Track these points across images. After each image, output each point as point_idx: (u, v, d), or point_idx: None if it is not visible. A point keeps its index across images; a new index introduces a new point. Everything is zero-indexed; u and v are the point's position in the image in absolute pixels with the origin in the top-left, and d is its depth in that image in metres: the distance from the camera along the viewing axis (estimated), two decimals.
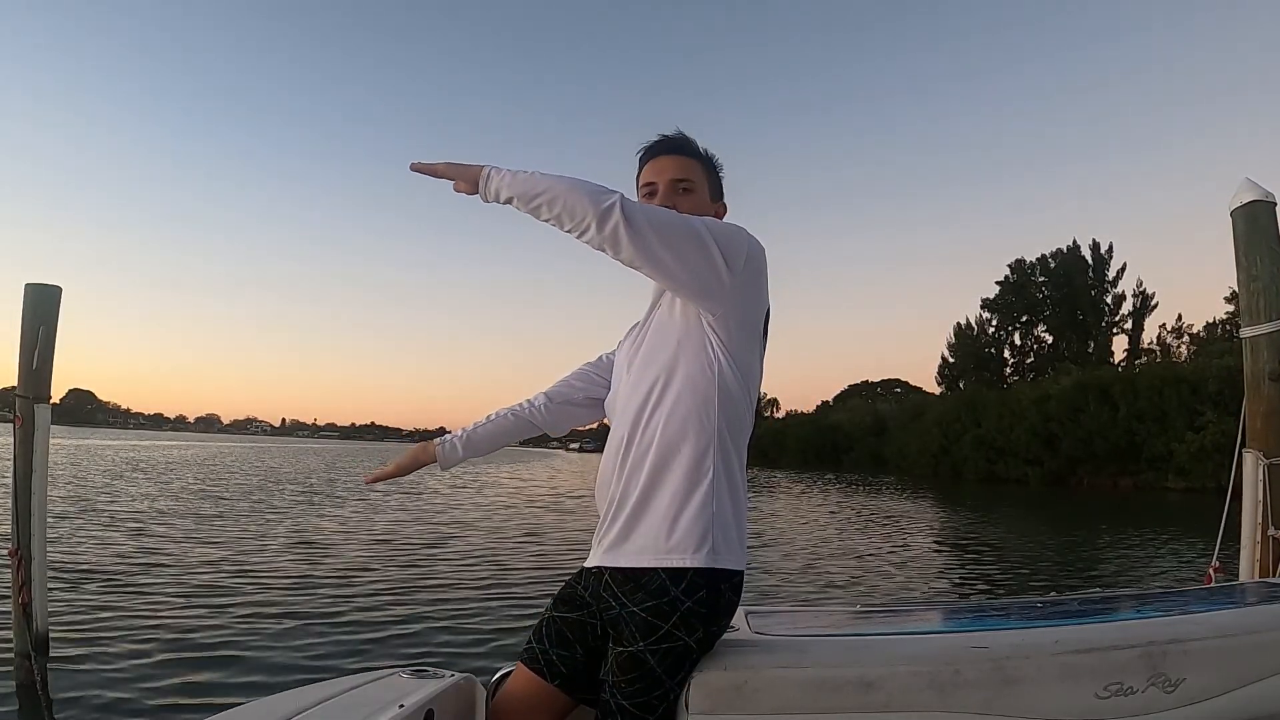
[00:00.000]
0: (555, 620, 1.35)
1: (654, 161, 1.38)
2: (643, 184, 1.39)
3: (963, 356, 47.15)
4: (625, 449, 1.28)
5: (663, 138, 1.39)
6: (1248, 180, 2.85)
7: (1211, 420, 25.37)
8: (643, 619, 1.21)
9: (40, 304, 3.90)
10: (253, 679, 3.89)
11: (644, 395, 1.28)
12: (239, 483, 18.68)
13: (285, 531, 9.79)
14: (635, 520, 1.24)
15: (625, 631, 1.22)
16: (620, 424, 1.31)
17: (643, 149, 1.40)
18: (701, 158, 1.40)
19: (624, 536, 1.25)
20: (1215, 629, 1.33)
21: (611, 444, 1.32)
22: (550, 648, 1.34)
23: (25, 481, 3.75)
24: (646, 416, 1.27)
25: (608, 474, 1.31)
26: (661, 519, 1.22)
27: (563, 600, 1.37)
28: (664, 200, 1.33)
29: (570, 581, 1.38)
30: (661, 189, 1.35)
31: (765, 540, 10.65)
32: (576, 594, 1.35)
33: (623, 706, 1.21)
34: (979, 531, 13.07)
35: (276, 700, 1.26)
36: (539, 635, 1.36)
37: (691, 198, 1.36)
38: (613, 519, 1.27)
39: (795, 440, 53.17)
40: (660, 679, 1.21)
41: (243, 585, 6.23)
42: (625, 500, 1.25)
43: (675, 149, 1.38)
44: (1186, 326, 42.57)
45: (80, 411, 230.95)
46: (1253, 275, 2.80)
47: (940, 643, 1.35)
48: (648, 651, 1.21)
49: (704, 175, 1.39)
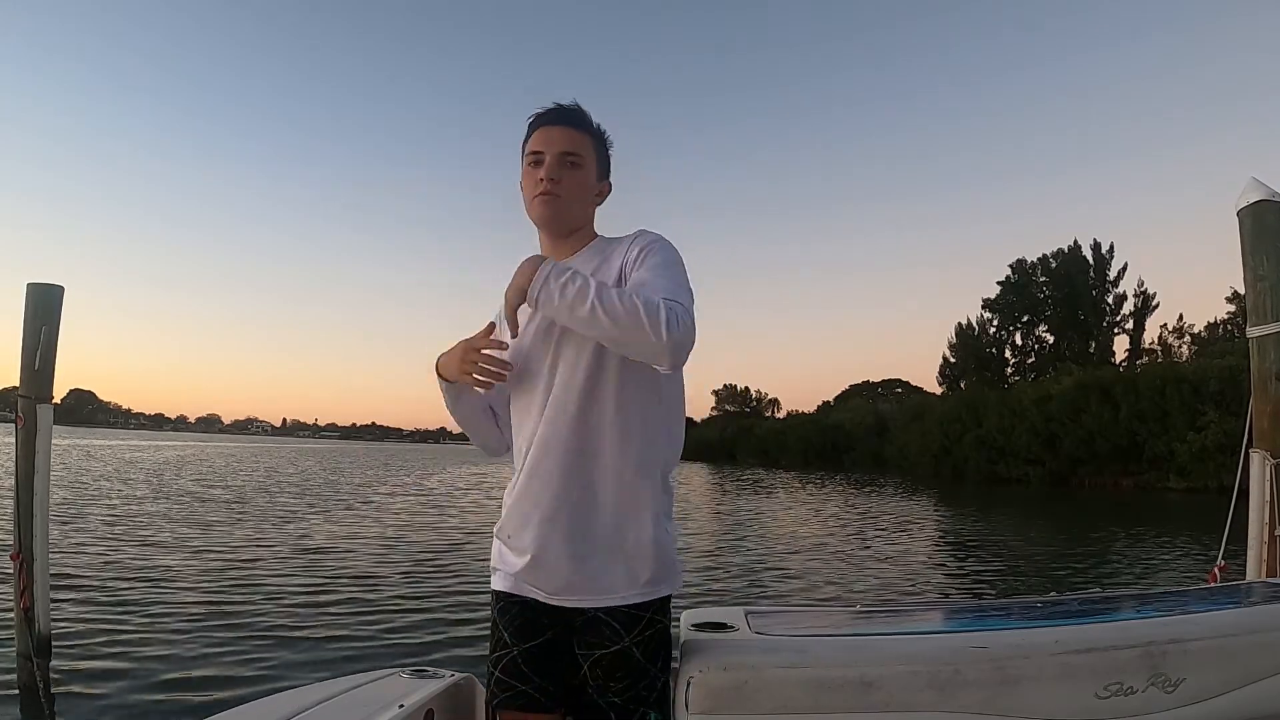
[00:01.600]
0: (526, 654, 1.27)
1: (545, 130, 1.31)
2: (529, 151, 1.31)
3: (964, 356, 47.07)
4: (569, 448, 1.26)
5: (557, 106, 1.32)
6: (1254, 180, 2.84)
7: (1213, 420, 25.31)
8: (625, 613, 1.22)
9: (42, 304, 3.90)
10: (253, 679, 3.89)
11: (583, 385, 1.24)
12: (240, 483, 18.68)
13: (286, 532, 9.79)
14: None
15: (606, 631, 1.22)
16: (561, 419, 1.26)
17: (534, 115, 1.33)
18: (594, 132, 1.34)
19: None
20: (1215, 629, 1.33)
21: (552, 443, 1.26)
22: (533, 684, 1.26)
23: (28, 482, 3.75)
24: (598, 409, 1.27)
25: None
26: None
27: (519, 632, 1.27)
28: (550, 172, 1.28)
29: (510, 611, 1.29)
30: (549, 160, 1.28)
31: (766, 540, 10.64)
32: (531, 619, 1.27)
33: (614, 704, 1.21)
34: (979, 531, 13.05)
35: (276, 700, 1.26)
36: (513, 676, 1.26)
37: (579, 173, 1.30)
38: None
39: (796, 440, 53.03)
40: (647, 669, 1.22)
41: (243, 585, 6.23)
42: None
43: (568, 120, 1.31)
44: (1188, 327, 42.53)
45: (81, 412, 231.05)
46: (1259, 275, 2.79)
47: (940, 643, 1.35)
48: (634, 645, 1.22)
49: (594, 151, 1.33)
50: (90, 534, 8.76)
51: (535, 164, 1.30)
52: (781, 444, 53.84)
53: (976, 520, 15.19)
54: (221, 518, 11.06)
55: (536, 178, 1.29)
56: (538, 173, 1.29)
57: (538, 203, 1.29)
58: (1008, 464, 33.52)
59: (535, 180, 1.30)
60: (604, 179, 1.37)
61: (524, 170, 1.33)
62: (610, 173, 1.39)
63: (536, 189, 1.29)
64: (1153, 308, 43.23)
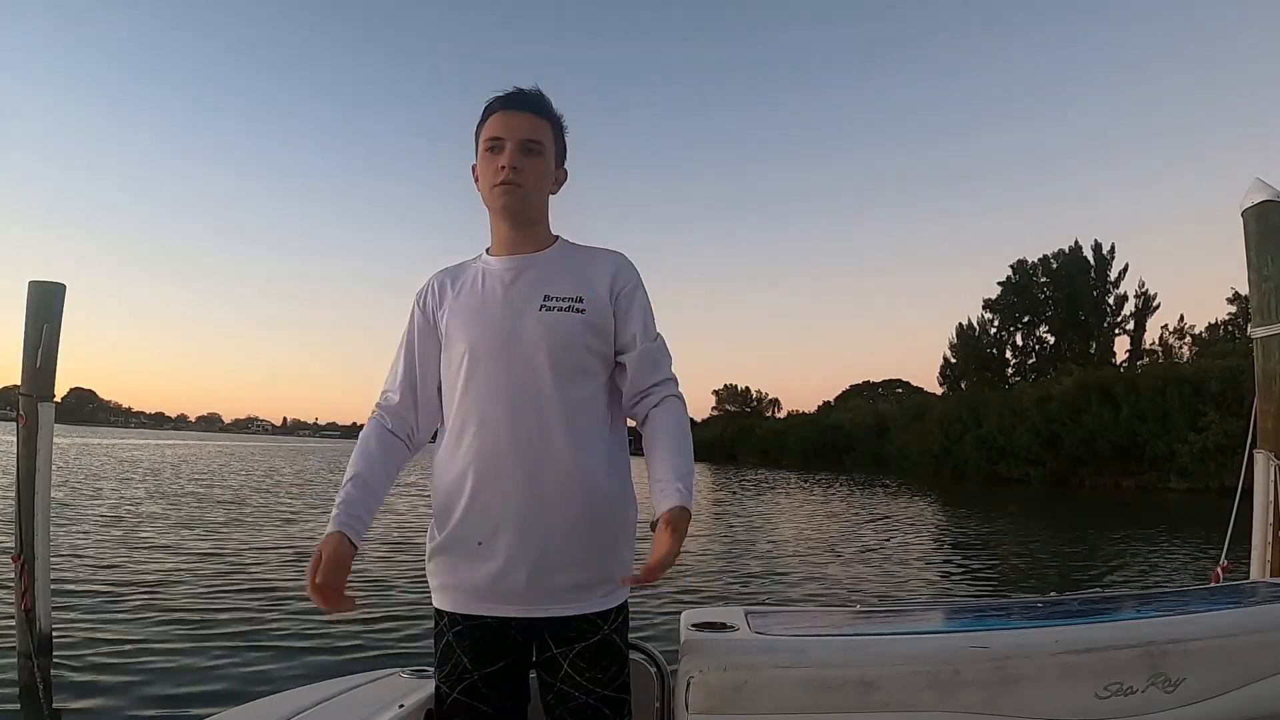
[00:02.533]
0: (486, 678, 1.21)
1: (504, 115, 1.26)
2: (488, 136, 1.27)
3: (964, 357, 47.06)
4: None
5: (518, 91, 1.28)
6: (1258, 180, 2.84)
7: (1214, 421, 25.32)
8: (599, 607, 1.21)
9: (44, 302, 3.89)
10: (253, 679, 3.89)
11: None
12: (240, 483, 18.69)
13: (286, 532, 9.80)
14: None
15: (584, 626, 1.20)
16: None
17: (493, 98, 1.28)
18: (553, 119, 1.30)
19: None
20: (1215, 629, 1.33)
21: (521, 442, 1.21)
22: (493, 703, 1.21)
23: (29, 480, 3.75)
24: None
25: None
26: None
27: (479, 658, 1.21)
28: (510, 160, 1.24)
29: (471, 635, 1.22)
30: (510, 147, 1.24)
31: (766, 540, 10.64)
32: (490, 642, 1.21)
33: (606, 698, 1.18)
34: (980, 532, 13.05)
35: (276, 700, 1.26)
36: (474, 698, 1.21)
37: (538, 161, 1.27)
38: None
39: (797, 440, 53.07)
40: (624, 654, 1.23)
41: (243, 585, 6.23)
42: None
43: (529, 106, 1.27)
44: (1188, 327, 42.53)
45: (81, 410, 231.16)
46: (1264, 275, 2.79)
47: (940, 643, 1.35)
48: (613, 633, 1.21)
49: (552, 138, 1.30)
50: (90, 534, 8.77)
51: (494, 150, 1.26)
52: (782, 444, 53.87)
53: (977, 520, 15.18)
54: (221, 518, 11.06)
55: (497, 165, 1.25)
56: (498, 160, 1.25)
57: (499, 192, 1.26)
58: (1008, 464, 33.53)
59: (495, 168, 1.25)
60: (560, 166, 1.34)
61: (480, 155, 1.29)
62: (566, 159, 1.35)
63: (497, 177, 1.25)
64: (1153, 308, 43.25)
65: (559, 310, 1.23)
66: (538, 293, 1.25)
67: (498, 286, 1.27)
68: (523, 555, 1.17)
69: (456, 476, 1.22)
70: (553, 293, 1.25)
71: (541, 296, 1.24)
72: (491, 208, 1.30)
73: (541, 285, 1.26)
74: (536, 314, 1.23)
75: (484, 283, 1.29)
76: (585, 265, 1.30)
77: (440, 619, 1.25)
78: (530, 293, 1.25)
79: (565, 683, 1.19)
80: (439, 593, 1.25)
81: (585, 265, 1.30)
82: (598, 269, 1.30)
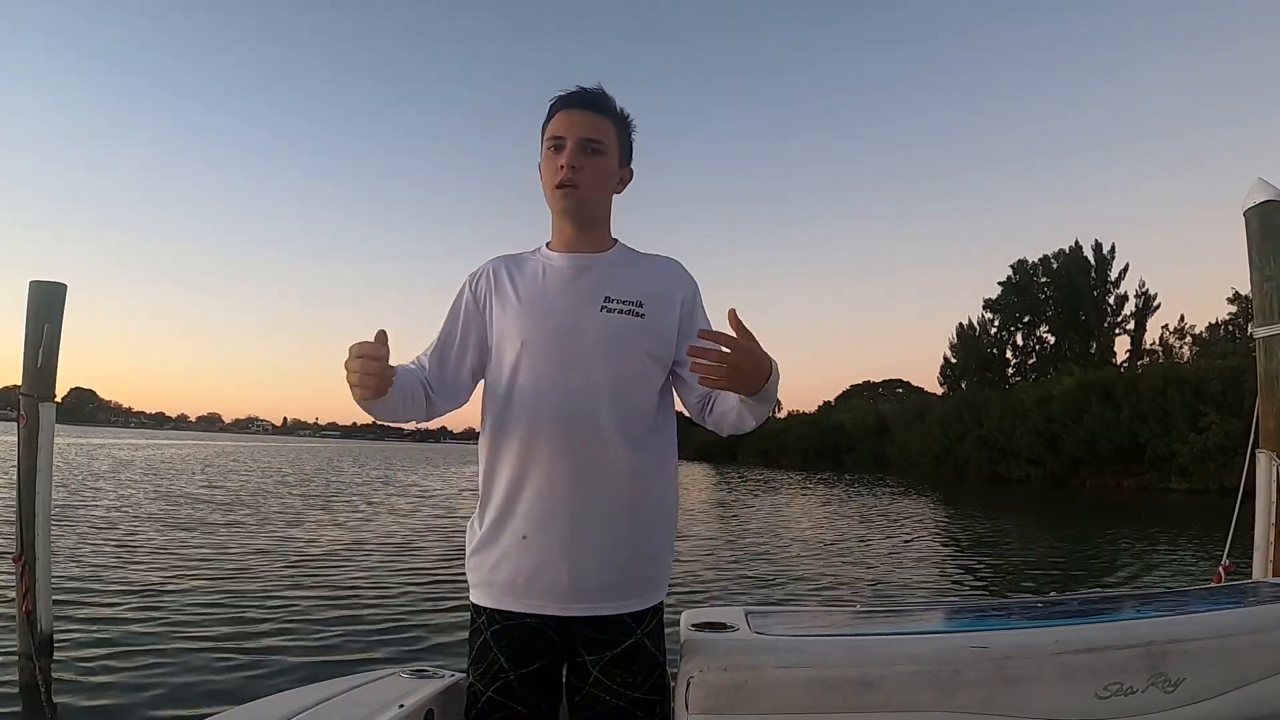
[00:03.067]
0: (522, 678, 1.21)
1: (567, 114, 1.26)
2: (550, 135, 1.27)
3: (965, 357, 47.02)
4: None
5: (580, 89, 1.28)
6: (1261, 180, 2.83)
7: (1214, 421, 25.30)
8: (636, 607, 1.22)
9: (45, 301, 3.88)
10: (253, 679, 3.89)
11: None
12: (240, 483, 18.69)
13: (286, 532, 9.80)
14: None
15: (618, 629, 1.21)
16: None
17: (556, 98, 1.28)
18: (616, 117, 1.30)
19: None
20: (1215, 629, 1.33)
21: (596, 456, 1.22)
22: (529, 704, 1.21)
23: (29, 481, 3.74)
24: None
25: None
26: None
27: (516, 658, 1.21)
28: (571, 159, 1.24)
29: (509, 634, 1.22)
30: (570, 146, 1.24)
31: (766, 540, 10.64)
32: (529, 642, 1.21)
33: (638, 700, 1.20)
34: (980, 532, 13.04)
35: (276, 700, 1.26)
36: (508, 696, 1.21)
37: (601, 160, 1.26)
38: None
39: (797, 440, 53.04)
40: (658, 659, 1.24)
41: (243, 585, 6.23)
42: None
43: (591, 104, 1.27)
44: (1189, 327, 42.50)
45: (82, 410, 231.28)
46: (1266, 275, 2.78)
47: (940, 643, 1.34)
48: (645, 637, 1.23)
49: (616, 137, 1.29)
50: (91, 534, 8.77)
51: (555, 149, 1.26)
52: (782, 444, 53.81)
53: (977, 520, 15.17)
54: (221, 518, 11.06)
55: (557, 164, 1.25)
56: (558, 159, 1.25)
57: (559, 194, 1.26)
58: (1009, 464, 33.50)
59: (556, 167, 1.25)
60: (625, 165, 1.33)
61: (544, 154, 1.29)
62: (632, 159, 1.35)
63: (556, 178, 1.25)
64: (1154, 308, 43.21)
65: (619, 312, 1.24)
66: (599, 293, 1.26)
67: (559, 283, 1.28)
68: (567, 553, 1.18)
69: (503, 471, 1.23)
70: (614, 294, 1.26)
71: (603, 297, 1.25)
72: (553, 208, 1.30)
73: (603, 286, 1.27)
74: (597, 314, 1.24)
75: (544, 277, 1.29)
76: (646, 271, 1.31)
77: (478, 616, 1.25)
78: (592, 292, 1.26)
79: (595, 686, 1.20)
80: (478, 589, 1.25)
81: (646, 271, 1.31)
82: (658, 275, 1.31)
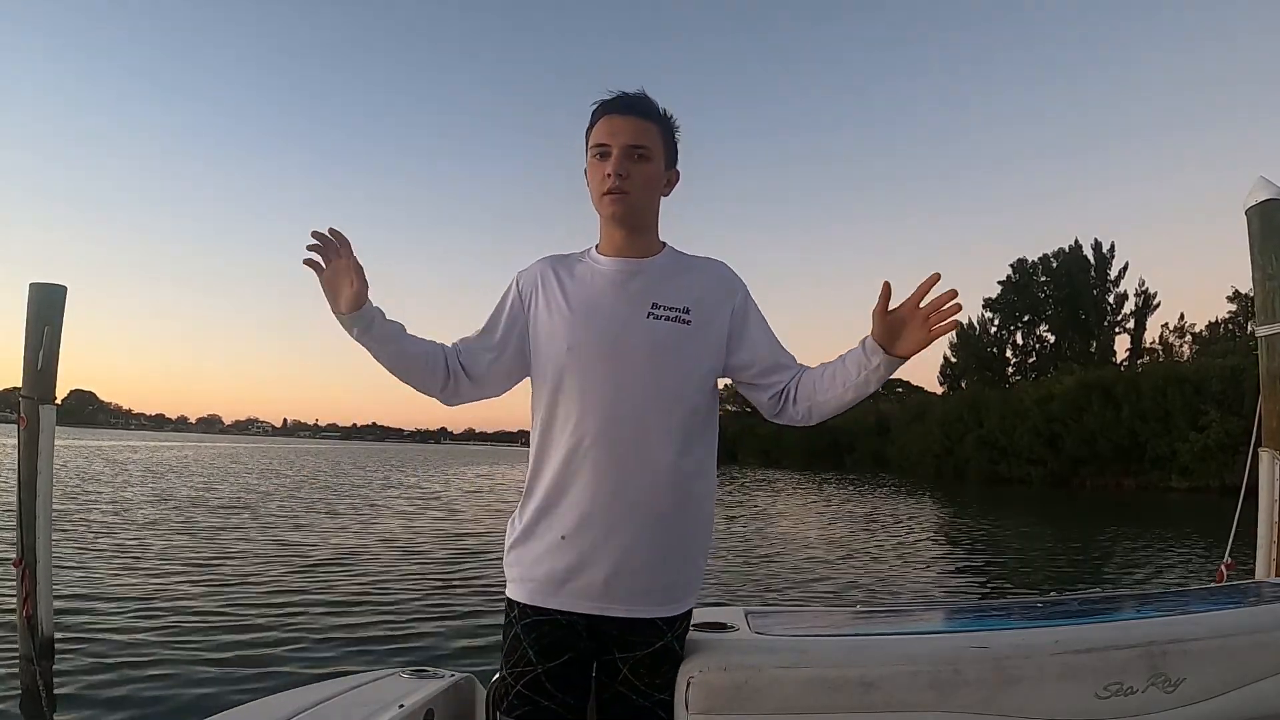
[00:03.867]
0: (549, 672, 1.21)
1: (609, 120, 1.26)
2: (594, 143, 1.27)
3: (965, 356, 47.03)
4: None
5: (622, 94, 1.27)
6: (1263, 179, 2.83)
7: (1215, 420, 25.30)
8: (670, 613, 1.23)
9: (45, 303, 3.87)
10: (253, 679, 3.89)
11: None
12: (240, 485, 18.69)
13: (286, 533, 9.80)
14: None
15: (649, 631, 1.22)
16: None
17: (598, 104, 1.28)
18: (660, 120, 1.29)
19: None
20: (1215, 629, 1.33)
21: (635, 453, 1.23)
22: (556, 699, 1.21)
23: (30, 483, 3.74)
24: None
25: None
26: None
27: (545, 652, 1.21)
28: (617, 166, 1.23)
29: (539, 628, 1.22)
30: (616, 154, 1.24)
31: (767, 540, 10.64)
32: (560, 637, 1.22)
33: (663, 702, 1.21)
34: (980, 532, 13.04)
35: (276, 700, 1.26)
36: (536, 692, 1.21)
37: (647, 166, 1.26)
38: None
39: (797, 440, 52.90)
40: (680, 658, 1.24)
41: (243, 586, 6.24)
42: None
43: (634, 109, 1.26)
44: (1189, 326, 42.54)
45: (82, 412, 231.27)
46: (1269, 274, 2.78)
47: (940, 643, 1.35)
48: (674, 640, 1.24)
49: (661, 140, 1.28)
50: (91, 537, 8.77)
51: (601, 157, 1.26)
52: (782, 444, 53.78)
53: (977, 520, 15.18)
54: (222, 520, 11.07)
55: (604, 172, 1.25)
56: (604, 166, 1.25)
57: (607, 201, 1.26)
58: (1009, 464, 33.51)
59: (602, 175, 1.25)
60: (672, 167, 1.33)
61: (589, 161, 1.29)
62: (678, 160, 1.35)
63: (604, 185, 1.25)
64: (1154, 307, 43.28)
65: (666, 320, 1.25)
66: (646, 299, 1.26)
67: (608, 289, 1.29)
68: (604, 554, 1.19)
69: (547, 471, 1.24)
70: (661, 301, 1.26)
71: (650, 304, 1.26)
72: (602, 214, 1.31)
73: (650, 293, 1.27)
74: (644, 320, 1.25)
75: (592, 281, 1.30)
76: (694, 276, 1.32)
77: (511, 610, 1.26)
78: (640, 299, 1.27)
79: (623, 685, 1.22)
80: (514, 584, 1.26)
81: (694, 276, 1.32)
82: (706, 280, 1.32)
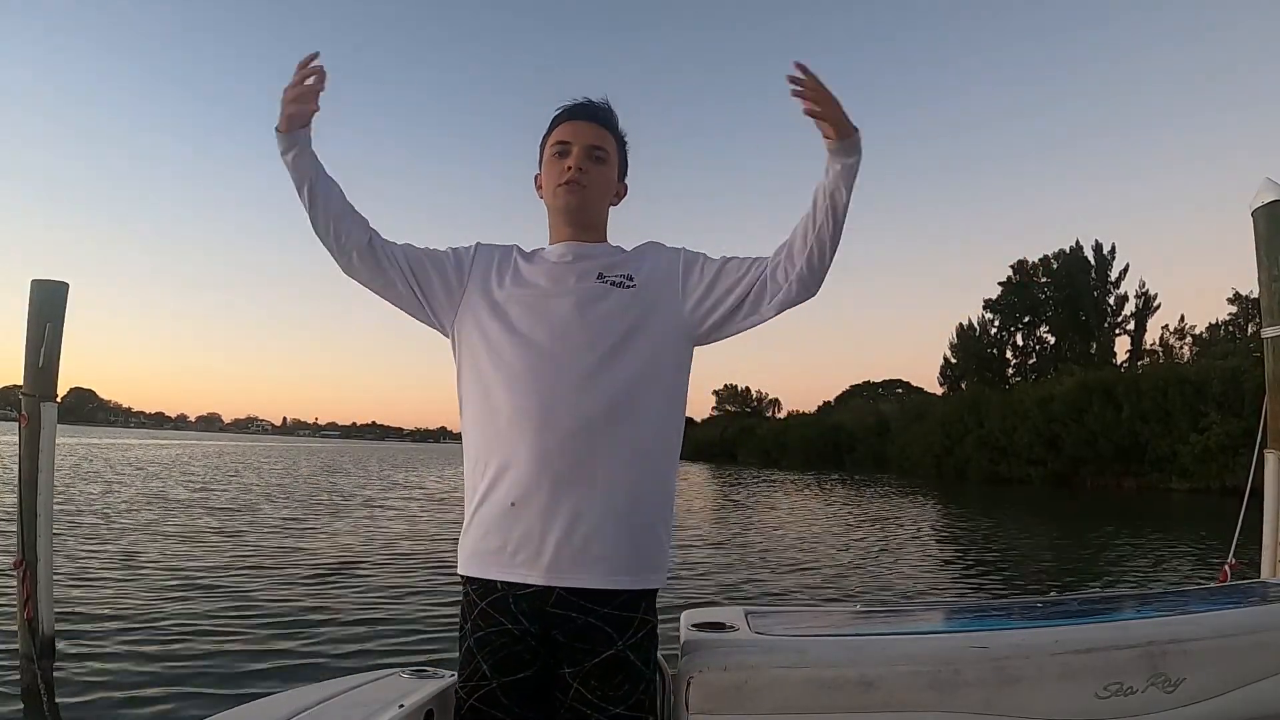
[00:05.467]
0: (505, 686, 1.19)
1: (573, 123, 1.32)
2: (555, 141, 1.32)
3: (965, 357, 46.99)
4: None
5: (588, 101, 1.34)
6: (1269, 180, 2.84)
7: (1215, 421, 25.27)
8: (617, 616, 1.18)
9: (47, 301, 3.86)
10: (253, 679, 3.89)
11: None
12: (240, 484, 18.70)
13: (286, 532, 9.80)
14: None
15: (597, 638, 1.18)
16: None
17: (562, 107, 1.34)
18: (617, 133, 1.36)
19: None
20: (1215, 629, 1.33)
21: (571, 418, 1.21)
22: (513, 714, 1.19)
23: (31, 481, 3.73)
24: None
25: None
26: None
27: (500, 665, 1.19)
28: (577, 162, 1.28)
29: (491, 642, 1.20)
30: (577, 151, 1.29)
31: (766, 540, 10.64)
32: (513, 649, 1.19)
33: (619, 716, 1.17)
34: (981, 532, 13.03)
35: (276, 700, 1.26)
36: (491, 705, 1.19)
37: (603, 168, 1.32)
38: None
39: (797, 440, 52.97)
40: (643, 673, 1.20)
41: (243, 586, 6.24)
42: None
43: (596, 116, 1.33)
44: (1189, 327, 42.49)
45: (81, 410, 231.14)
46: (1274, 275, 2.79)
47: (940, 643, 1.35)
48: (627, 649, 1.18)
49: (616, 151, 1.35)
50: (91, 536, 8.77)
51: (561, 154, 1.31)
52: (782, 444, 53.78)
53: (978, 521, 15.17)
54: (221, 519, 11.07)
55: (563, 166, 1.29)
56: (564, 162, 1.29)
57: (563, 190, 1.29)
58: (1010, 464, 33.45)
59: (561, 169, 1.30)
60: (622, 179, 1.40)
61: (546, 160, 1.34)
62: (627, 175, 1.40)
63: (562, 177, 1.29)
64: (1154, 308, 43.20)
65: (610, 284, 1.28)
66: (591, 272, 1.29)
67: (555, 262, 1.32)
68: (555, 518, 1.17)
69: (490, 439, 1.23)
70: (605, 272, 1.30)
71: (595, 274, 1.29)
72: (553, 206, 1.34)
73: (595, 267, 1.30)
74: (591, 283, 1.27)
75: (534, 260, 1.34)
76: (635, 255, 1.35)
77: (466, 596, 1.26)
78: (584, 271, 1.29)
79: (576, 700, 1.18)
80: (467, 561, 1.25)
81: (635, 255, 1.35)
82: (648, 255, 1.35)
